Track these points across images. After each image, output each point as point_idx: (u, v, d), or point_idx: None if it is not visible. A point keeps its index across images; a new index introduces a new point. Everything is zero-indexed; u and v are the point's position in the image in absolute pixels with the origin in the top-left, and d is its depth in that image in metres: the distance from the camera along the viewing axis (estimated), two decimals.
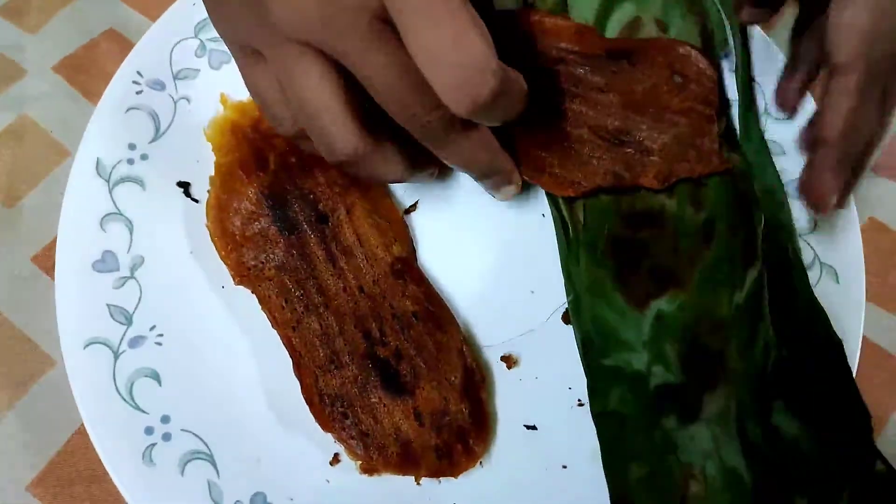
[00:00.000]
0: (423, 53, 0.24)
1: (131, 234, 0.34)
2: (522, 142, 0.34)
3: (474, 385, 0.32)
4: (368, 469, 0.32)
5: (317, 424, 0.32)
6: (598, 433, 0.31)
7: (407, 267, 0.34)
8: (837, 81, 0.29)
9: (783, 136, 0.37)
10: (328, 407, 0.32)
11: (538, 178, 0.34)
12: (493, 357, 0.34)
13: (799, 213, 0.36)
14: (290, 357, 0.32)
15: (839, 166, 0.30)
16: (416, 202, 0.36)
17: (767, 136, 0.37)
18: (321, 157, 0.29)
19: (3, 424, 0.33)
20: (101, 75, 0.38)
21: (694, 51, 0.34)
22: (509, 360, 0.34)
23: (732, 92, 0.37)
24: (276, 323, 0.33)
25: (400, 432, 0.32)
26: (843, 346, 0.32)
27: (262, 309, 0.33)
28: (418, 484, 0.32)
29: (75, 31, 0.40)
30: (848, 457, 0.30)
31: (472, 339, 0.34)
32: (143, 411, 0.32)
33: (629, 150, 0.34)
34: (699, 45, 0.35)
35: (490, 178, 0.32)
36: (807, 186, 0.31)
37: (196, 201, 0.35)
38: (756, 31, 0.38)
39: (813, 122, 0.32)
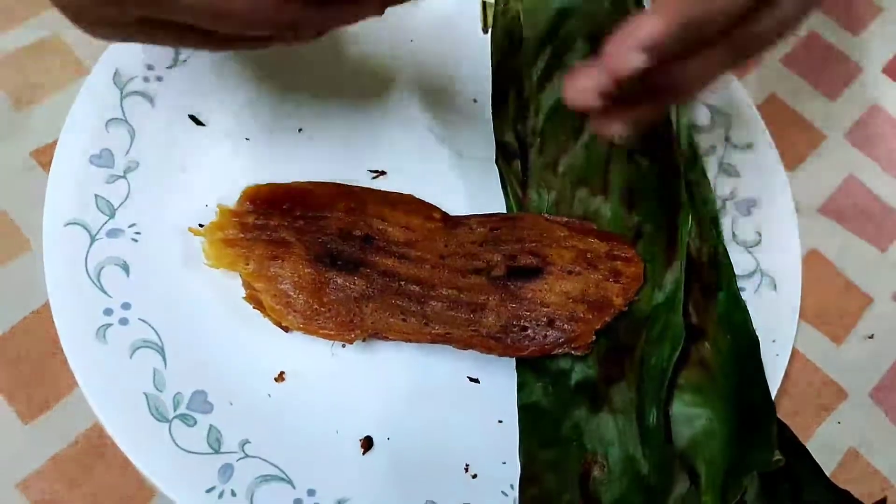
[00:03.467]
0: None
1: (132, 140, 0.36)
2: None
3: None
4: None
5: (270, 341, 0.34)
6: (518, 421, 0.33)
7: (450, 218, 0.36)
8: None
9: (738, 159, 0.40)
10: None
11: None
12: None
13: (745, 228, 0.39)
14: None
15: None
16: None
17: (726, 160, 0.40)
18: (318, 200, 0.34)
19: None
20: None
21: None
22: None
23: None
24: (411, 337, 0.33)
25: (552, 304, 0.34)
26: (758, 343, 0.34)
27: (391, 338, 0.33)
28: None
29: None
30: (752, 441, 0.32)
31: None
32: (107, 294, 0.33)
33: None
34: None
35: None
36: None
37: (202, 124, 0.38)
38: None
39: None
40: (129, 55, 0.38)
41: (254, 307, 0.33)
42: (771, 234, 0.39)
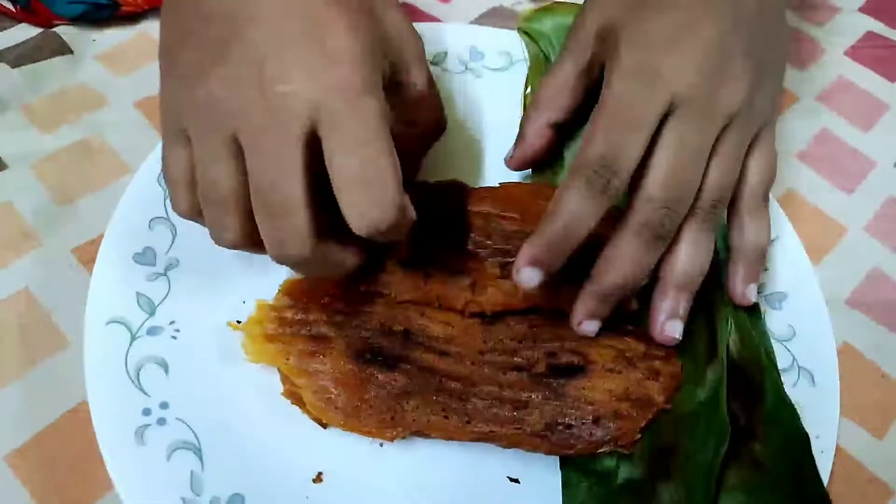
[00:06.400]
0: (339, 177, 0.27)
1: (174, 238, 0.37)
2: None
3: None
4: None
5: (307, 439, 0.33)
6: None
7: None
8: None
9: None
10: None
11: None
12: None
13: (780, 322, 0.39)
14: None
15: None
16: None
17: None
18: (356, 294, 0.35)
19: (2, 392, 0.34)
20: None
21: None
22: None
23: None
24: (454, 435, 0.33)
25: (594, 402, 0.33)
26: (809, 438, 0.34)
27: (433, 436, 0.33)
28: None
29: None
30: None
31: None
32: (146, 393, 0.33)
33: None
34: None
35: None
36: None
37: None
38: None
39: None
40: None
41: (292, 403, 0.33)
42: (804, 327, 0.39)
